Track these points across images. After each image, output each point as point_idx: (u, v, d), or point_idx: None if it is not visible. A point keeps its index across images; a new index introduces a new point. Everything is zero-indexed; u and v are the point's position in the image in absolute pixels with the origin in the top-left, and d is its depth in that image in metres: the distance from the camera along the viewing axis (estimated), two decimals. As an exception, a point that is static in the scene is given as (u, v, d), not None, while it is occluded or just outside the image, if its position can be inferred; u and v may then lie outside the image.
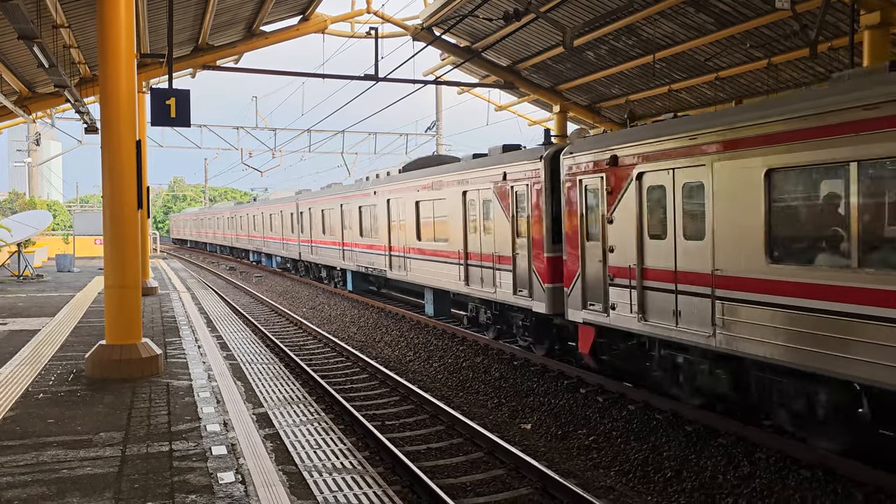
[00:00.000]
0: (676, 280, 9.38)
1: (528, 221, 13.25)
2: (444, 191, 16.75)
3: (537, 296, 12.96)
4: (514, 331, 14.47)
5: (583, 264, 11.46)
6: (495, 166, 14.36)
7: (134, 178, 9.67)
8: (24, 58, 16.27)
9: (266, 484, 5.73)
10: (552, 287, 12.54)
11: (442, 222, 17.03)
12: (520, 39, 20.95)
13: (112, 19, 9.55)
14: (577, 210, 11.57)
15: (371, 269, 22.43)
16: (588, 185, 11.35)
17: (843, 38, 14.16)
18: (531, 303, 13.16)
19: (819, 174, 7.65)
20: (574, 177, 11.63)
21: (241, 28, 20.46)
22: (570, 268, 11.82)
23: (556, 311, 12.49)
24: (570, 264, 11.80)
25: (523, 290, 13.41)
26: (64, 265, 30.32)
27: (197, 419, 7.56)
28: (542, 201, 12.78)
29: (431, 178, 17.51)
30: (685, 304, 9.22)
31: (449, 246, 16.56)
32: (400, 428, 10.29)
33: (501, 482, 8.18)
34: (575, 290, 11.67)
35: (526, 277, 13.32)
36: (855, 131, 7.01)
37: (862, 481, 7.27)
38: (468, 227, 15.64)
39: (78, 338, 12.69)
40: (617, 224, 10.65)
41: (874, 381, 6.93)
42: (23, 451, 6.51)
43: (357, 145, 42.27)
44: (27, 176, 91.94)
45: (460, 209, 15.83)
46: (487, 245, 14.72)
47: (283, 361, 14.44)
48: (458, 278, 16.13)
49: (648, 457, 8.76)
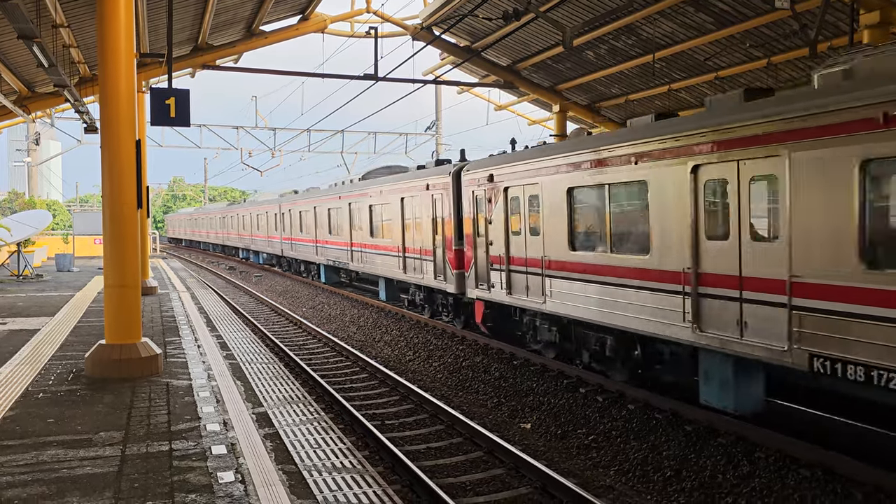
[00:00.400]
0: (527, 264, 13.00)
1: (442, 222, 16.69)
2: (389, 197, 20.32)
3: (449, 280, 16.42)
4: (440, 309, 17.86)
5: (475, 254, 15.01)
6: (423, 178, 17.79)
7: (133, 177, 9.66)
8: (23, 57, 16.27)
9: (266, 483, 5.73)
10: (457, 273, 15.99)
11: (388, 223, 20.45)
12: (519, 39, 20.95)
13: (112, 19, 9.54)
14: (471, 213, 15.18)
15: (338, 262, 25.67)
16: (477, 194, 14.85)
17: (843, 37, 14.16)
18: (445, 285, 16.68)
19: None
20: (469, 188, 15.19)
21: (240, 28, 20.45)
22: (468, 257, 15.39)
23: (460, 291, 15.99)
24: (468, 255, 15.37)
25: (440, 276, 16.87)
26: (63, 265, 30.30)
27: (197, 419, 7.56)
28: (450, 207, 16.19)
29: (380, 186, 21.15)
30: (532, 282, 12.76)
31: (393, 242, 20.01)
32: (400, 427, 10.29)
33: (501, 481, 8.18)
34: (471, 275, 15.26)
35: (442, 266, 16.80)
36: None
37: (861, 481, 7.27)
38: (405, 226, 19.06)
39: (78, 337, 12.69)
40: (494, 224, 14.17)
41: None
42: (23, 450, 6.51)
43: (357, 145, 42.26)
44: (27, 175, 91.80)
45: (399, 212, 19.34)
46: (418, 241, 18.21)
47: (283, 361, 14.45)
48: (399, 268, 19.56)
49: (648, 456, 8.76)
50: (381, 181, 21.42)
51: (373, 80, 19.27)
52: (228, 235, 48.78)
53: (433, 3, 19.83)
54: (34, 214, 31.33)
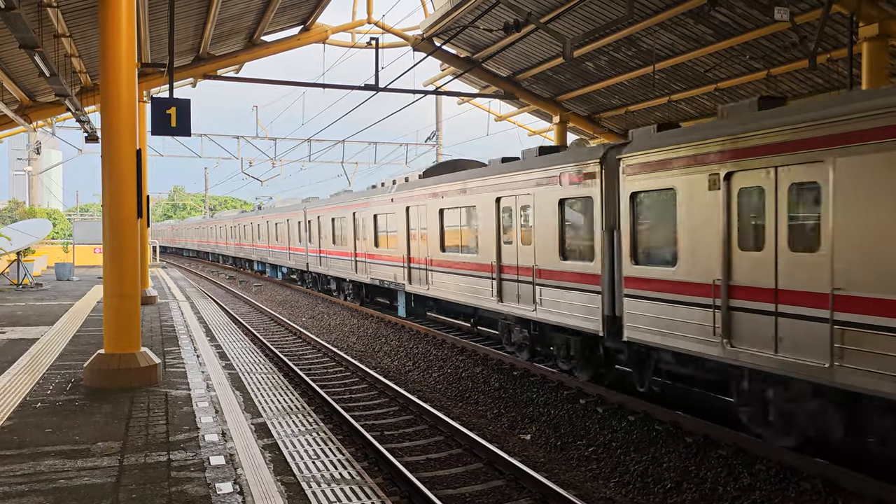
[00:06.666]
0: (319, 252, 20.90)
1: (306, 234, 23.52)
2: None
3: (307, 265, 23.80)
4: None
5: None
6: (300, 209, 26.46)
7: (134, 187, 9.66)
8: (25, 67, 16.32)
9: (264, 495, 5.70)
10: (308, 262, 23.52)
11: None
12: (520, 50, 21.03)
13: (113, 29, 9.57)
14: (308, 230, 22.76)
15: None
16: (309, 220, 22.73)
17: (842, 49, 14.22)
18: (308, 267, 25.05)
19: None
20: (305, 217, 22.76)
21: (241, 38, 20.53)
22: (312, 252, 21.86)
23: (311, 271, 23.60)
24: (311, 251, 21.30)
25: (304, 264, 25.06)
26: (63, 274, 30.26)
27: (195, 429, 7.53)
28: (305, 227, 22.91)
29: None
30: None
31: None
32: (399, 438, 10.25)
33: (501, 493, 8.14)
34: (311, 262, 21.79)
35: (305, 258, 23.87)
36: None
37: (862, 493, 7.24)
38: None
39: (77, 347, 12.66)
40: (312, 236, 20.68)
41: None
42: (20, 460, 6.47)
43: (357, 155, 42.42)
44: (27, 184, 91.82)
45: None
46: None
47: (282, 371, 14.41)
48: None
49: (648, 468, 8.72)
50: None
51: (373, 91, 19.32)
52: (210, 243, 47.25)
53: (434, 15, 19.91)
54: (34, 223, 31.32)
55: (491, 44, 21.01)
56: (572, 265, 11.83)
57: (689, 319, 9.23)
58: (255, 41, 20.68)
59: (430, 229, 17.78)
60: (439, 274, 17.36)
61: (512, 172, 13.73)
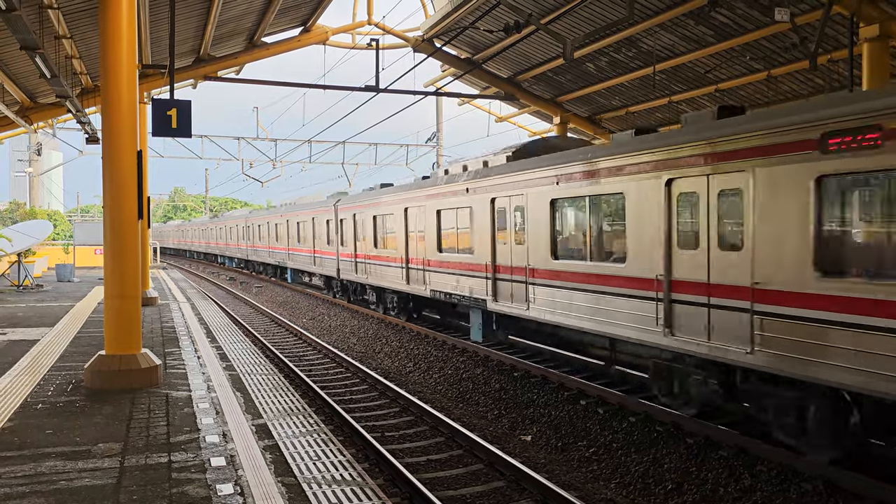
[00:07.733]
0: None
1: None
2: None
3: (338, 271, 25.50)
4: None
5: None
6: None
7: (135, 188, 9.67)
8: (26, 68, 16.33)
9: (265, 496, 5.70)
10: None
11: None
12: (520, 51, 21.03)
13: (114, 30, 9.58)
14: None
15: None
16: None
17: (843, 50, 14.22)
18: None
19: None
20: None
21: (242, 39, 20.55)
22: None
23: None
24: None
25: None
26: (64, 275, 30.28)
27: (196, 430, 7.53)
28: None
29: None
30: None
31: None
32: (399, 439, 10.25)
33: (501, 494, 8.14)
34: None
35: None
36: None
37: (864, 495, 7.24)
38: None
39: (77, 348, 12.66)
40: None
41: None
42: (21, 461, 6.47)
43: (358, 156, 42.38)
44: (28, 186, 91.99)
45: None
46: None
47: (283, 372, 14.41)
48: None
49: (649, 469, 8.72)
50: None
51: (374, 92, 19.33)
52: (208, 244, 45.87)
53: (434, 16, 19.92)
54: (35, 225, 31.32)
55: (491, 45, 21.02)
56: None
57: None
58: (255, 42, 20.70)
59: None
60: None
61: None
